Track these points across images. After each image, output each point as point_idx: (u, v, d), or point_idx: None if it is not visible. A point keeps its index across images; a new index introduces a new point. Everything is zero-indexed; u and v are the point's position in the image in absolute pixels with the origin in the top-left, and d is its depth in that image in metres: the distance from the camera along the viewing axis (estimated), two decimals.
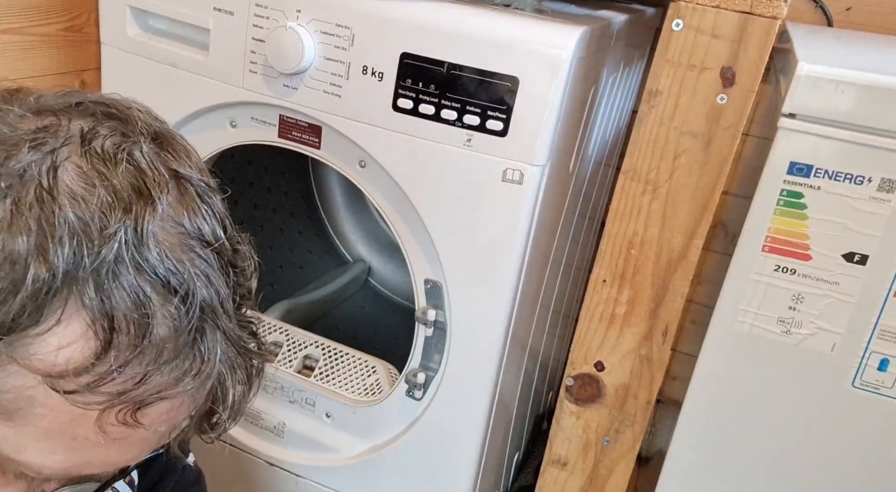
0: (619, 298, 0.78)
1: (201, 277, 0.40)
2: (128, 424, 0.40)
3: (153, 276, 0.38)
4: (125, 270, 0.37)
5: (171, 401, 0.41)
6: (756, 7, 0.66)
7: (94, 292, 0.37)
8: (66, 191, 0.37)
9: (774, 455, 0.76)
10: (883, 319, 0.67)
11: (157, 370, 0.39)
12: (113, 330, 0.37)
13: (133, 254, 0.38)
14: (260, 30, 0.83)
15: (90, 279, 0.37)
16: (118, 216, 0.37)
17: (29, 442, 0.41)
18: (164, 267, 0.38)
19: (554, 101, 0.73)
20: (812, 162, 0.65)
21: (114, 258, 0.37)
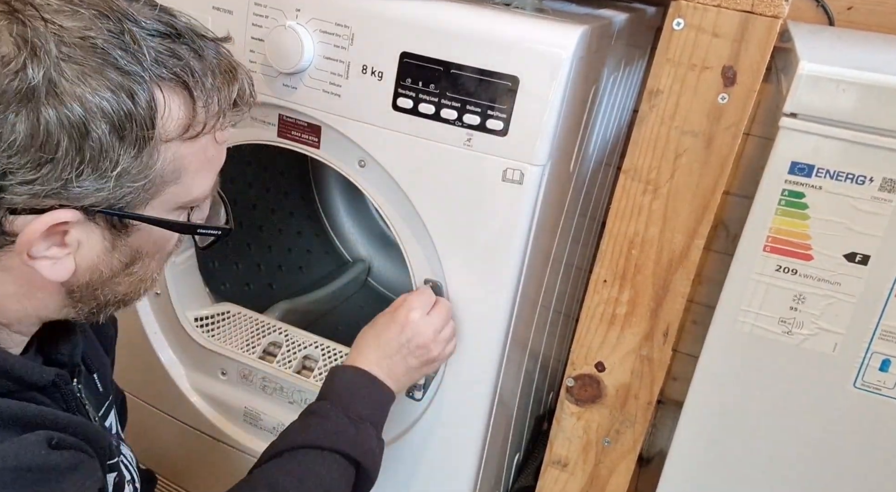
0: (619, 299, 0.78)
1: (174, 18, 0.56)
2: (226, 127, 0.59)
3: (165, 37, 0.54)
4: (153, 44, 0.53)
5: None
6: (757, 6, 0.65)
7: (166, 71, 0.53)
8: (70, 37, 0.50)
9: (775, 456, 0.76)
10: (884, 319, 0.67)
11: (218, 85, 0.57)
12: (185, 83, 0.54)
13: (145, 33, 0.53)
14: (259, 29, 0.83)
15: (151, 67, 0.52)
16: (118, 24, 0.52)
17: (191, 183, 0.58)
18: (165, 26, 0.54)
19: (554, 100, 0.73)
20: (813, 162, 0.64)
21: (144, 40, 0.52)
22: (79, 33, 0.49)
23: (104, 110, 0.49)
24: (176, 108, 0.53)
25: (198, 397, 1.09)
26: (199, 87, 0.54)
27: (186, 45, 0.54)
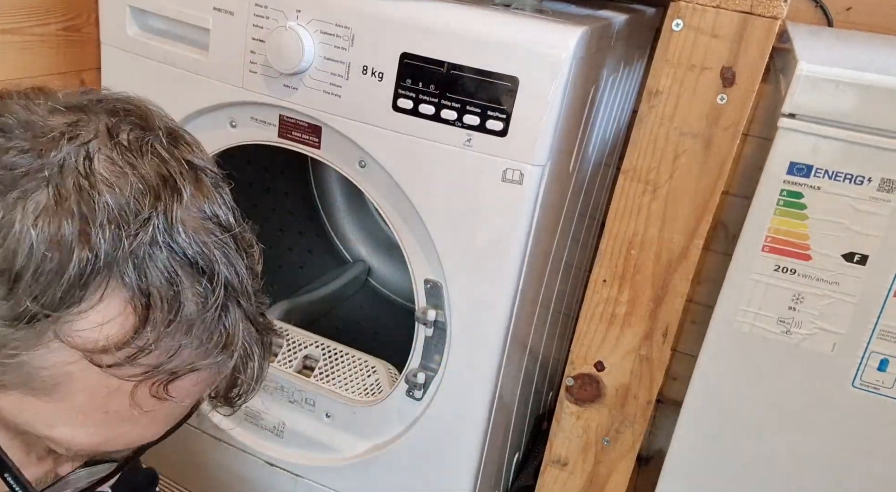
0: (619, 298, 0.78)
1: (222, 257, 0.44)
2: (159, 397, 0.43)
3: (182, 257, 0.42)
4: (158, 252, 0.41)
5: (199, 373, 0.44)
6: (756, 7, 0.66)
7: (133, 272, 0.40)
8: (101, 179, 0.40)
9: (774, 455, 0.76)
10: (883, 319, 0.67)
11: (189, 344, 0.42)
12: (149, 307, 0.41)
13: (165, 237, 0.41)
14: (260, 30, 0.83)
15: (129, 260, 0.40)
16: (150, 202, 0.41)
17: (62, 418, 0.43)
18: (192, 249, 0.42)
19: (554, 101, 0.73)
20: (812, 162, 0.65)
21: (149, 241, 0.40)
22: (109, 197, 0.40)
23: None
24: (109, 323, 0.40)
25: None
26: (159, 330, 0.41)
27: (199, 283, 0.42)
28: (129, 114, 0.45)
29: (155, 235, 0.40)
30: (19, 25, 0.96)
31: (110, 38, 0.95)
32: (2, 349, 0.40)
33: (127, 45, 0.94)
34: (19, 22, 0.96)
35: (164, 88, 0.92)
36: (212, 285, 0.43)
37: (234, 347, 0.45)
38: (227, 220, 0.45)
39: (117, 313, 0.40)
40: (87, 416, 0.43)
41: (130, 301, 0.40)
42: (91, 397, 0.42)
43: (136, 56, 0.93)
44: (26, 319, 0.39)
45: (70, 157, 0.40)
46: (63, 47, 1.03)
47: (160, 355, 0.42)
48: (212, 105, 0.90)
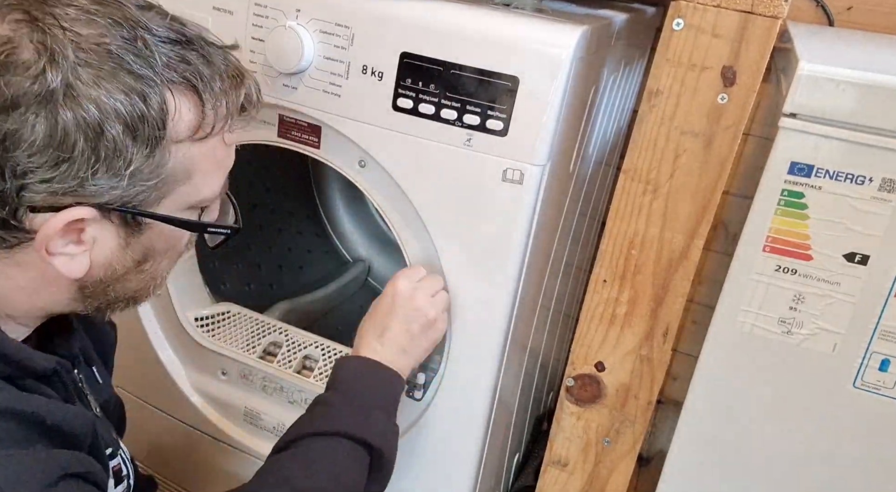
0: (619, 299, 0.78)
1: (183, 26, 0.58)
2: (232, 131, 0.62)
3: (179, 43, 0.57)
4: (171, 53, 0.56)
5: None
6: (757, 6, 0.65)
7: (172, 72, 0.55)
8: (92, 51, 0.53)
9: (775, 456, 0.76)
10: (884, 319, 0.67)
11: (230, 93, 0.60)
12: (196, 88, 0.56)
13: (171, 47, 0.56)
14: (259, 29, 0.83)
15: (162, 72, 0.54)
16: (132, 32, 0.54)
17: (201, 184, 0.60)
18: (183, 35, 0.57)
19: (554, 100, 0.73)
20: (813, 162, 0.65)
21: (168, 52, 0.56)
22: (94, 40, 0.52)
23: (118, 112, 0.52)
24: (186, 111, 0.56)
25: (198, 397, 1.09)
26: (207, 91, 0.57)
27: (196, 51, 0.57)
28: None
29: (156, 43, 0.55)
30: None
31: None
32: (157, 169, 0.56)
33: None
34: None
35: None
36: (199, 48, 0.57)
37: (245, 74, 0.61)
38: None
39: (184, 101, 0.56)
40: (211, 171, 0.61)
41: (185, 93, 0.56)
42: (207, 159, 0.60)
43: None
44: (151, 145, 0.54)
45: (66, 68, 0.51)
46: None
47: (222, 107, 0.59)
48: None
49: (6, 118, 0.50)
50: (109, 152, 0.53)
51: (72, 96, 0.51)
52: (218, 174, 0.63)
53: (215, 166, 0.62)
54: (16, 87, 0.50)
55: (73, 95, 0.51)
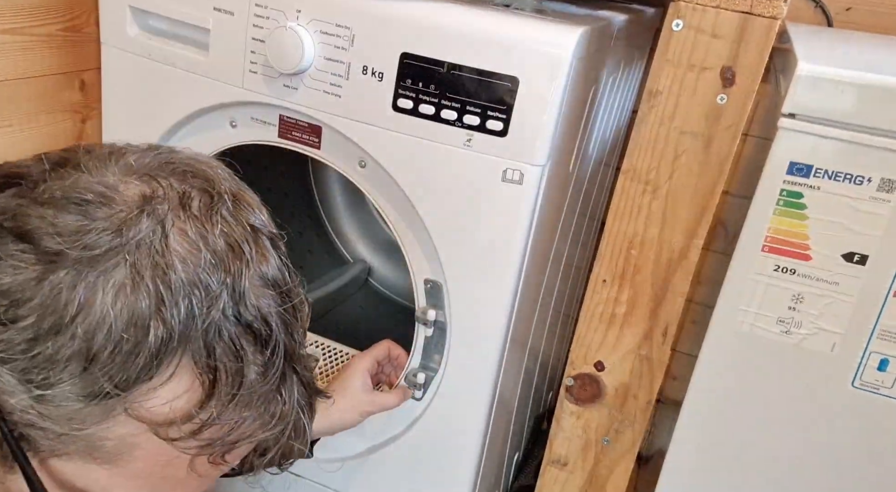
0: (619, 298, 0.78)
1: (281, 325, 0.44)
2: (216, 463, 0.45)
3: (247, 327, 0.42)
4: (227, 325, 0.41)
5: (254, 441, 0.46)
6: (756, 7, 0.66)
7: (203, 348, 0.40)
8: (176, 255, 0.41)
9: (774, 455, 0.76)
10: (883, 319, 0.67)
11: (250, 416, 0.43)
12: (216, 381, 0.41)
13: (233, 310, 0.41)
14: (260, 30, 0.83)
15: (200, 337, 0.40)
16: (221, 277, 0.41)
17: (120, 482, 0.44)
18: (256, 320, 0.42)
19: (554, 101, 0.73)
20: (812, 162, 0.65)
21: (220, 316, 0.41)
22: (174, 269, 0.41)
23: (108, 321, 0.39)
24: (178, 399, 0.41)
25: None
26: (223, 404, 0.42)
27: (266, 365, 0.43)
28: (196, 177, 0.46)
29: (225, 309, 0.41)
30: (19, 25, 0.96)
31: (110, 39, 0.95)
32: (70, 422, 0.40)
33: (127, 45, 0.94)
34: (19, 22, 0.96)
35: (164, 89, 0.92)
36: (272, 356, 0.43)
37: (288, 417, 0.46)
38: (285, 281, 0.46)
39: (185, 389, 0.41)
40: (145, 480, 0.44)
41: (198, 376, 0.41)
42: (151, 465, 0.44)
43: (137, 56, 0.93)
44: (99, 396, 0.39)
45: (147, 234, 0.41)
46: (63, 47, 1.03)
47: (221, 429, 0.43)
48: (212, 105, 0.90)
49: None
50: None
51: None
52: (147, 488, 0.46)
53: (155, 480, 0.45)
54: None
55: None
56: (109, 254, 0.39)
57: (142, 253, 0.40)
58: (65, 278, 0.39)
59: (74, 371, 0.39)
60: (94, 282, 0.39)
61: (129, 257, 0.40)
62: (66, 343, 0.39)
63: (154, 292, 0.39)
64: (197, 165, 0.47)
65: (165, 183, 0.44)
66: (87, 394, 0.40)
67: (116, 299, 0.39)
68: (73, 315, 0.38)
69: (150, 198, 0.43)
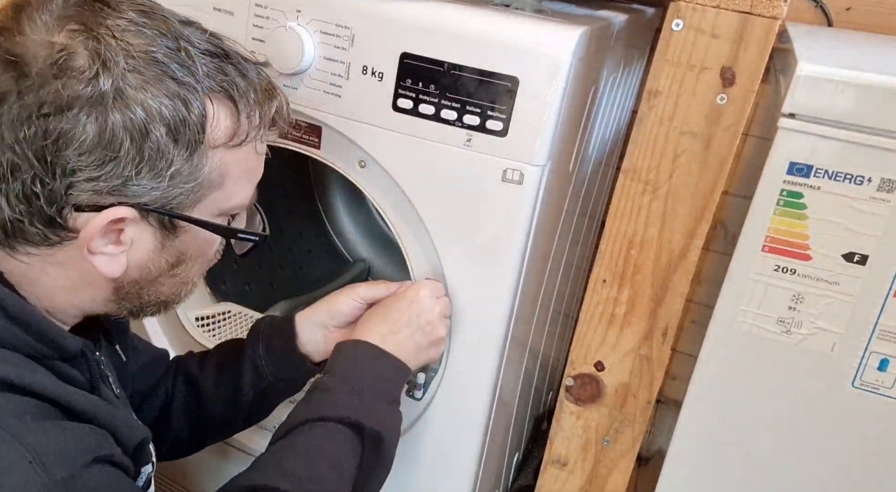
0: (618, 298, 0.78)
1: (222, 41, 0.63)
2: (266, 140, 0.66)
3: (218, 56, 0.61)
4: (209, 66, 0.60)
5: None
6: (756, 7, 0.66)
7: (209, 80, 0.59)
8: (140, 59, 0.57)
9: (774, 455, 0.76)
10: (883, 319, 0.67)
11: (263, 104, 0.64)
12: (233, 97, 0.60)
13: (208, 60, 0.60)
14: (260, 30, 0.83)
15: (202, 80, 0.58)
16: (174, 44, 0.58)
17: (233, 190, 0.63)
18: (219, 50, 0.62)
19: (554, 101, 0.73)
20: (812, 162, 0.65)
21: (199, 64, 0.59)
22: (142, 48, 0.56)
23: (162, 115, 0.56)
24: (223, 118, 0.60)
25: None
26: (243, 101, 0.61)
27: (232, 64, 0.61)
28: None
29: (198, 63, 0.58)
30: None
31: None
32: (195, 173, 0.59)
33: None
34: None
35: None
36: (236, 62, 0.62)
37: (277, 89, 0.66)
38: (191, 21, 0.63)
39: (222, 109, 0.60)
40: (243, 178, 0.64)
41: (222, 102, 0.60)
42: (240, 167, 0.63)
43: None
44: (191, 148, 0.58)
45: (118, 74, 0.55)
46: None
47: (256, 117, 0.62)
48: None
49: (60, 119, 0.54)
50: (153, 153, 0.56)
51: (121, 99, 0.55)
52: (248, 182, 0.66)
53: (246, 174, 0.65)
54: (70, 89, 0.53)
55: (122, 98, 0.55)
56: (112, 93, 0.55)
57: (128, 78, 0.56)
58: (117, 116, 0.55)
59: (170, 146, 0.57)
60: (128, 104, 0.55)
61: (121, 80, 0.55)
62: (158, 139, 0.56)
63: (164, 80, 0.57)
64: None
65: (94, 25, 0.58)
66: (187, 156, 0.58)
67: (153, 101, 0.56)
68: (145, 124, 0.56)
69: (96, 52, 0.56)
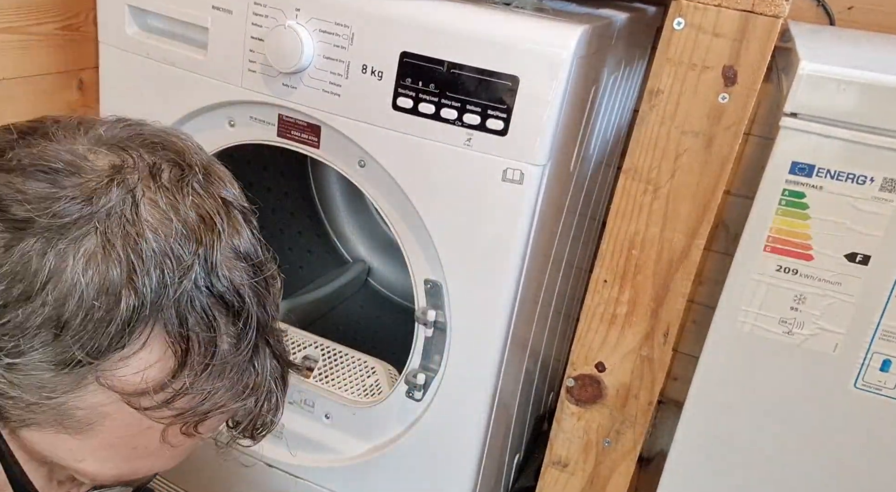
0: (620, 299, 0.78)
1: (254, 297, 0.44)
2: (189, 434, 0.45)
3: (219, 299, 0.42)
4: (199, 296, 0.41)
5: (228, 412, 0.46)
6: (758, 6, 0.65)
7: (175, 317, 0.41)
8: (147, 225, 0.41)
9: (776, 456, 0.76)
10: (885, 319, 0.67)
11: (222, 386, 0.43)
12: (188, 351, 0.41)
13: (205, 281, 0.42)
14: (259, 28, 0.83)
15: (172, 306, 0.41)
16: (193, 247, 0.42)
17: (91, 453, 0.44)
18: (228, 292, 0.43)
19: (554, 100, 0.73)
20: (814, 161, 0.64)
21: (192, 286, 0.41)
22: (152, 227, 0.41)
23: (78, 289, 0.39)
24: (150, 368, 0.41)
25: None
26: (195, 374, 0.42)
27: (236, 335, 0.44)
28: (166, 149, 0.46)
29: (197, 280, 0.41)
30: (18, 24, 0.96)
31: (109, 38, 0.95)
32: (41, 391, 0.40)
33: (125, 44, 0.94)
34: (18, 21, 0.96)
35: (163, 88, 0.92)
36: (245, 327, 0.43)
37: (261, 389, 0.46)
38: (256, 253, 0.46)
39: (158, 358, 0.41)
40: (117, 451, 0.44)
41: (171, 346, 0.41)
42: (123, 436, 0.44)
43: (135, 55, 0.93)
44: (71, 365, 0.39)
45: (117, 203, 0.41)
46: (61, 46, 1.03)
47: (194, 398, 0.43)
48: (210, 104, 0.90)
49: None
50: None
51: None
52: (125, 463, 0.46)
53: (127, 450, 0.45)
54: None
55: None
56: (80, 222, 0.39)
57: (112, 222, 0.40)
58: (35, 246, 0.39)
59: (45, 339, 0.39)
60: (64, 249, 0.39)
61: (99, 226, 0.40)
62: (37, 310, 0.38)
63: (125, 261, 0.39)
64: (167, 136, 0.47)
65: (136, 154, 0.44)
66: (57, 362, 0.40)
67: (87, 267, 0.39)
68: (43, 282, 0.38)
69: (119, 168, 0.43)
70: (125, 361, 0.40)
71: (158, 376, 0.41)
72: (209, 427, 0.46)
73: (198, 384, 0.42)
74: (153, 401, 0.42)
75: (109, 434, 0.43)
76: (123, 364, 0.41)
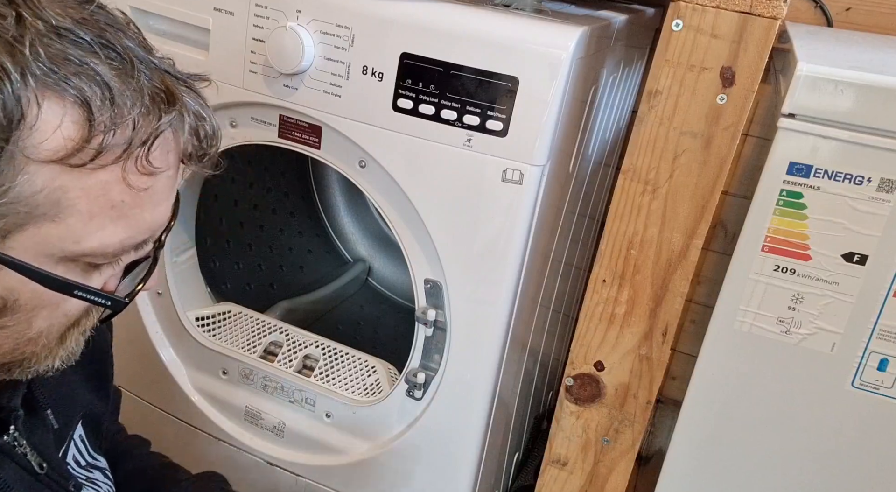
0: (618, 298, 0.78)
1: (112, 30, 0.46)
2: (146, 171, 0.46)
3: (70, 32, 0.43)
4: (53, 42, 0.42)
5: (164, 136, 0.47)
6: (756, 7, 0.66)
7: (52, 74, 0.41)
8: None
9: (774, 455, 0.76)
10: (882, 318, 0.67)
11: (139, 112, 0.44)
12: (85, 97, 0.42)
13: (46, 27, 0.42)
14: (260, 30, 0.83)
15: (44, 65, 0.41)
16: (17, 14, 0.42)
17: (81, 229, 0.45)
18: (87, 34, 0.44)
19: (554, 101, 0.73)
20: (812, 162, 0.65)
21: (58, 49, 0.42)
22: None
23: None
24: (55, 123, 0.42)
25: (199, 396, 1.09)
26: (104, 108, 0.43)
27: (112, 58, 0.44)
28: None
29: (41, 30, 0.42)
30: None
31: None
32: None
33: None
34: None
35: None
36: (120, 56, 0.44)
37: (178, 101, 0.47)
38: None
39: (62, 113, 0.42)
40: (101, 216, 0.45)
41: (67, 98, 0.42)
42: (93, 199, 0.45)
43: None
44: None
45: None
46: None
47: (122, 133, 0.44)
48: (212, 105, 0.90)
49: None
50: None
51: None
52: (117, 224, 0.46)
53: (108, 211, 0.45)
54: None
55: None
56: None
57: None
58: None
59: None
60: None
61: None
62: None
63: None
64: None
65: None
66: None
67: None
68: None
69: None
70: (35, 128, 0.41)
71: (76, 129, 0.42)
72: (161, 158, 0.47)
73: (116, 120, 0.43)
74: (89, 153, 0.43)
75: (81, 204, 0.44)
76: (36, 131, 0.41)
